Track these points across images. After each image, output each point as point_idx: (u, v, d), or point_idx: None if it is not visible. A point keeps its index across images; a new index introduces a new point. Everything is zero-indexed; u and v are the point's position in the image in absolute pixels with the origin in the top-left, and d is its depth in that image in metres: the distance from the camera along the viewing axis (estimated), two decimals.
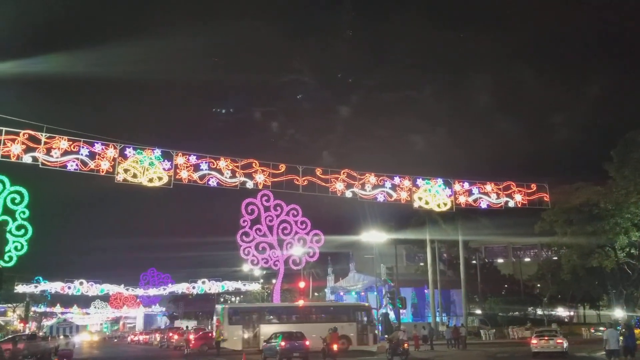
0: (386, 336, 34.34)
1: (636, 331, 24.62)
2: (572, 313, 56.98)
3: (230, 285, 75.51)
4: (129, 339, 70.19)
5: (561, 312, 56.61)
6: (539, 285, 47.80)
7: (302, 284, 50.72)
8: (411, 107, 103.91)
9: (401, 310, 46.71)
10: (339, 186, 35.69)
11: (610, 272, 34.28)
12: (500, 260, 70.97)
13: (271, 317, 37.42)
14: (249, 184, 33.98)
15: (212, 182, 32.76)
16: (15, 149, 28.13)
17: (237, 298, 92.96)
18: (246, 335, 36.02)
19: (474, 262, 62.39)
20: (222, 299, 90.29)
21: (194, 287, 74.62)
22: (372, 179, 36.76)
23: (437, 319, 53.52)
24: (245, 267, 60.57)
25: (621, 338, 21.47)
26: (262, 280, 72.87)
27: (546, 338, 30.64)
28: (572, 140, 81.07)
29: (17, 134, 28.29)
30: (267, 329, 34.89)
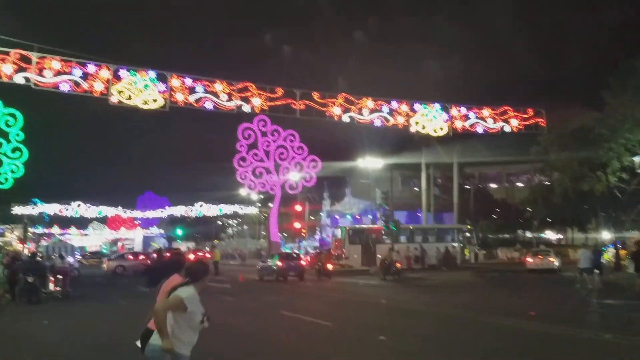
0: (379, 256, 35.29)
1: (622, 252, 25.40)
2: (560, 236, 58.27)
3: (227, 208, 76.51)
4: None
5: (550, 235, 57.98)
6: (530, 209, 48.61)
7: (298, 208, 51.47)
8: (411, 32, 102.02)
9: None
10: (336, 111, 35.72)
11: (600, 196, 34.85)
12: (493, 186, 71.75)
13: (385, 237, 40.03)
14: (246, 108, 33.95)
15: (208, 106, 32.70)
16: (6, 69, 27.88)
17: (235, 221, 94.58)
18: (364, 254, 38.97)
19: (468, 187, 63.19)
20: (219, 222, 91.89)
21: (191, 210, 75.62)
22: (369, 103, 36.79)
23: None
24: (243, 191, 61.23)
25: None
26: (259, 204, 73.81)
27: (540, 257, 34.61)
28: (571, 66, 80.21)
29: (8, 53, 27.96)
30: (381, 248, 37.39)
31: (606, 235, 38.64)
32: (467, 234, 44.26)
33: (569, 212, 41.54)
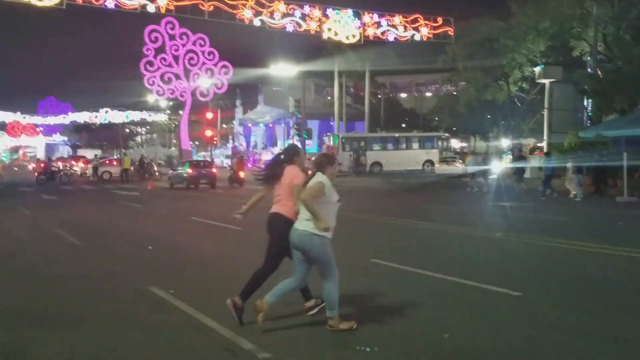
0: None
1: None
2: (464, 144, 61.03)
3: (135, 115, 74.01)
4: (30, 167, 68.65)
5: (455, 143, 60.52)
6: (437, 118, 50.35)
7: (209, 115, 50.52)
8: None
9: (307, 141, 48.21)
10: (247, 14, 34.63)
11: (501, 105, 36.56)
12: (403, 95, 73.29)
13: (374, 144, 43.06)
14: (150, 7, 32.22)
15: (110, 4, 30.77)
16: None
17: (144, 129, 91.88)
18: (355, 160, 40.74)
19: (379, 96, 64.11)
20: (127, 130, 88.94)
21: (96, 117, 72.59)
22: (281, 7, 35.89)
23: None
24: (151, 98, 59.17)
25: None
26: (168, 111, 71.84)
27: (448, 162, 38.35)
28: None
29: None
30: (371, 155, 41.59)
31: (506, 142, 40.84)
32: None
33: (473, 121, 43.36)
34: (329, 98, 60.52)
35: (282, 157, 6.19)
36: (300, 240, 5.45)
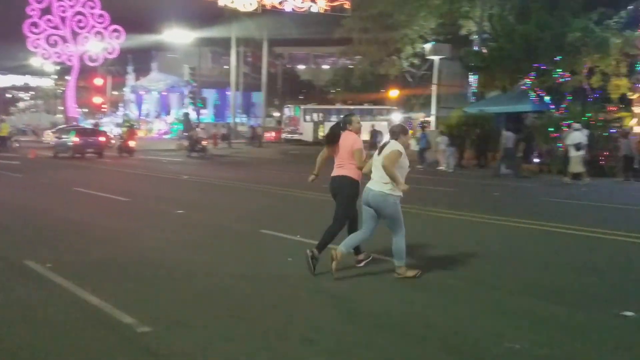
0: (185, 134, 34.91)
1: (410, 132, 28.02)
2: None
3: (17, 79, 69.11)
4: None
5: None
6: (333, 91, 50.95)
7: (98, 82, 48.12)
8: None
9: (202, 111, 47.30)
10: None
11: (394, 79, 37.62)
12: (301, 67, 73.34)
13: (333, 116, 40.76)
14: None
15: None
16: None
17: (28, 94, 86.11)
18: (315, 130, 40.71)
19: (277, 66, 63.74)
20: (9, 95, 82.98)
21: None
22: None
23: (238, 120, 55.45)
24: (35, 62, 55.45)
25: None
26: (54, 76, 67.65)
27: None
28: None
29: None
30: (328, 125, 38.48)
31: (396, 116, 42.11)
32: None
33: (367, 94, 44.36)
34: (226, 67, 59.42)
35: (341, 124, 6.82)
36: (375, 200, 6.16)
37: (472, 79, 33.37)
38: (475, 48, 31.30)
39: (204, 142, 30.51)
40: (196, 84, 43.16)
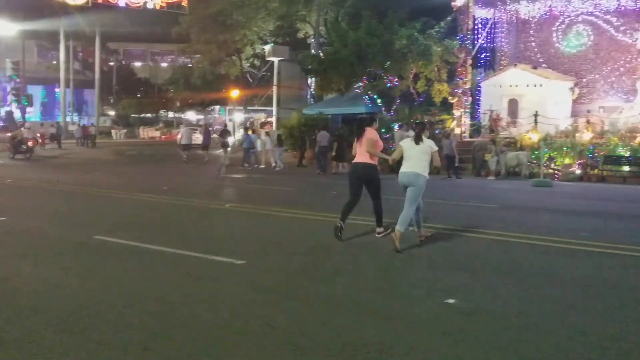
0: (9, 134, 32.04)
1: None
2: (201, 116, 61.46)
3: None
4: None
5: (192, 115, 60.58)
6: (172, 89, 49.76)
7: None
8: None
9: (28, 109, 43.84)
10: None
11: (235, 79, 37.61)
12: (138, 64, 70.62)
13: None
14: None
15: None
16: None
17: None
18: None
19: (112, 63, 60.78)
20: None
21: None
22: None
23: (68, 119, 52.14)
24: None
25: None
26: None
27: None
28: None
29: None
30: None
31: (239, 116, 42.17)
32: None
33: (208, 93, 43.87)
34: (55, 62, 55.44)
35: (367, 121, 8.94)
36: (409, 179, 8.05)
37: (311, 81, 34.42)
38: (313, 51, 32.31)
39: (30, 143, 28.28)
40: (20, 80, 39.81)
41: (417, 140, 8.14)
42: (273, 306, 5.37)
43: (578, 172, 19.82)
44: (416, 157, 8.09)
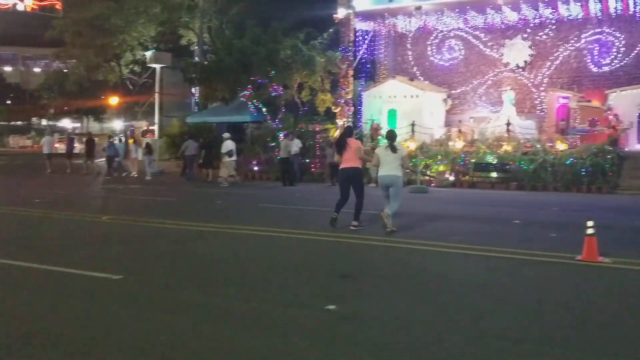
0: None
1: (130, 140, 27.38)
2: (77, 124, 58.50)
3: None
4: None
5: (67, 123, 57.46)
6: (45, 96, 46.96)
7: None
8: None
9: None
10: None
11: (114, 86, 36.18)
12: (7, 69, 65.99)
13: None
14: None
15: None
16: None
17: None
18: None
19: None
20: None
21: None
22: None
23: None
24: None
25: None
26: None
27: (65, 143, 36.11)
28: None
29: None
30: None
31: (118, 124, 40.63)
32: None
33: (84, 101, 41.85)
34: None
35: (347, 132, 11.03)
36: (391, 180, 9.95)
37: (195, 88, 33.90)
38: (197, 59, 31.86)
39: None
40: None
41: (391, 149, 9.94)
42: (151, 320, 5.23)
43: (451, 178, 21.02)
44: (392, 162, 9.94)
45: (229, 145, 20.84)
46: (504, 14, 24.91)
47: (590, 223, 7.62)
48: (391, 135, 10.23)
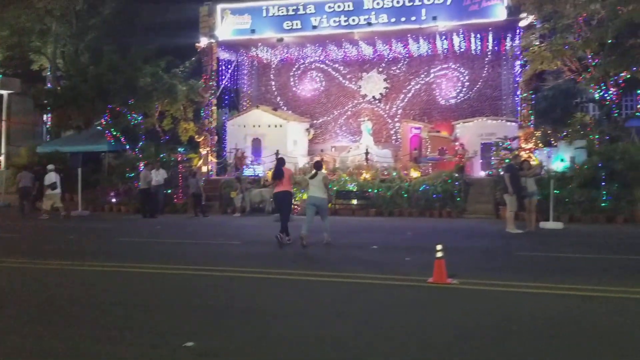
0: None
1: None
2: None
3: None
4: None
5: None
6: None
7: None
8: None
9: None
10: None
11: None
12: None
13: None
14: None
15: None
16: None
17: None
18: None
19: None
20: None
21: None
22: None
23: None
24: None
25: None
26: None
27: None
28: None
29: None
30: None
31: None
32: None
33: None
34: None
35: (280, 162, 13.05)
36: (318, 201, 12.16)
37: (47, 116, 31.96)
38: (49, 85, 30.10)
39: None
40: None
41: (315, 174, 12.26)
42: None
43: None
44: (317, 185, 12.19)
45: (52, 177, 20.33)
46: (360, 48, 26.17)
47: (439, 247, 8.14)
48: (317, 165, 12.69)
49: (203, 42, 25.44)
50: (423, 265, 9.15)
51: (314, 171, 12.47)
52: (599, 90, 19.97)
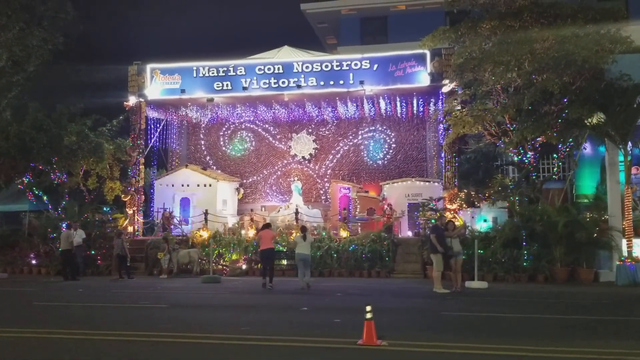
0: None
1: None
2: None
3: None
4: None
5: None
6: None
7: None
8: None
9: None
10: None
11: None
12: None
13: None
14: None
15: None
16: None
17: None
18: None
19: None
20: None
21: None
22: None
23: None
24: None
25: None
26: None
27: None
28: None
29: None
30: None
31: None
32: None
33: None
34: None
35: (266, 226, 17.86)
36: (304, 256, 16.38)
37: None
38: None
39: None
40: None
41: (304, 237, 16.62)
42: None
43: (244, 267, 21.25)
44: (304, 245, 16.46)
45: None
46: (290, 109, 26.64)
47: (368, 308, 8.20)
48: (304, 229, 17.24)
49: (132, 100, 25.13)
50: (353, 326, 9.18)
51: (303, 234, 16.68)
52: (517, 154, 21.01)
